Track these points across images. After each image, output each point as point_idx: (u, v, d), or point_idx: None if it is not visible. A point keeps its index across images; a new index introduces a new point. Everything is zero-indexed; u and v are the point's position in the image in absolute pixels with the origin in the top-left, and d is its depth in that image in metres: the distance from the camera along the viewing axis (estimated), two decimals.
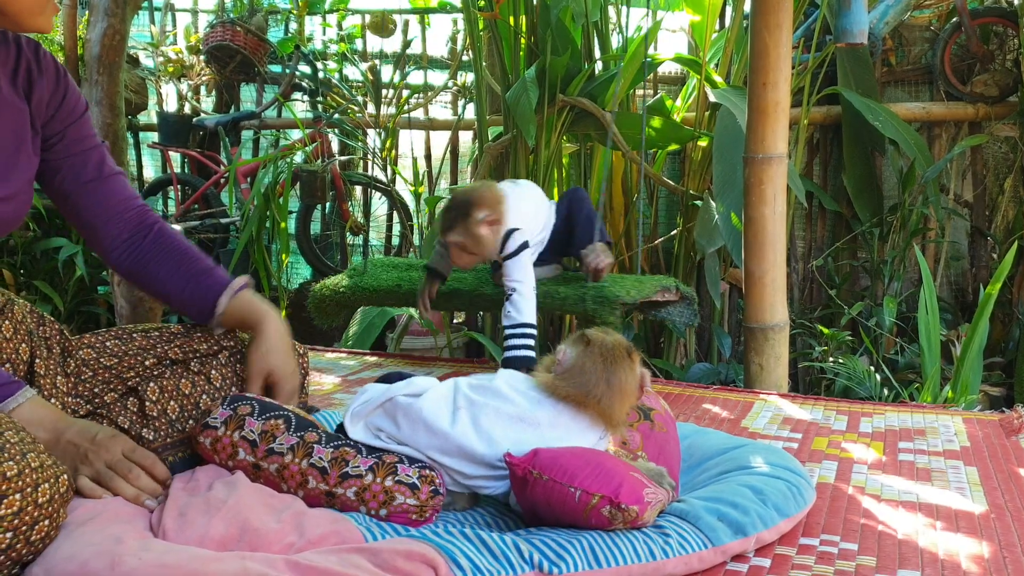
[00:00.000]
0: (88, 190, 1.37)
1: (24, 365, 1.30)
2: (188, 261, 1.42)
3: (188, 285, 1.41)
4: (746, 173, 2.53)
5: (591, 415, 1.29)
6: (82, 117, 1.37)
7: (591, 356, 1.30)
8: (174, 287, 1.41)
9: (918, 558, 1.24)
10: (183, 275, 1.41)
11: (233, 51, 4.56)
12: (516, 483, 1.21)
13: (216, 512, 1.12)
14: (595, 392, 1.28)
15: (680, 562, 1.13)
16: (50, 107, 1.32)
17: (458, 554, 1.03)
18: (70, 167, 1.36)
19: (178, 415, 1.36)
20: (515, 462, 1.19)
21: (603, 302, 2.12)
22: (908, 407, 2.21)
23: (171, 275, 1.41)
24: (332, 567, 0.98)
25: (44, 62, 1.31)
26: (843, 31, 2.33)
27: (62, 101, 1.33)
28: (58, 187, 1.36)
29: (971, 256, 4.01)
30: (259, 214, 3.65)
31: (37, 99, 1.30)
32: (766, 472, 1.36)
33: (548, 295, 2.17)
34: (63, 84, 1.34)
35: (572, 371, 1.31)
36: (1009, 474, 1.65)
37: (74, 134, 1.35)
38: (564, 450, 1.22)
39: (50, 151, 1.34)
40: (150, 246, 1.41)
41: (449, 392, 1.33)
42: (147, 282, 1.42)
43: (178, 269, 1.41)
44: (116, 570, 0.95)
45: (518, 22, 3.40)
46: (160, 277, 1.41)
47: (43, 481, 1.00)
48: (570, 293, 2.17)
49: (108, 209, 1.39)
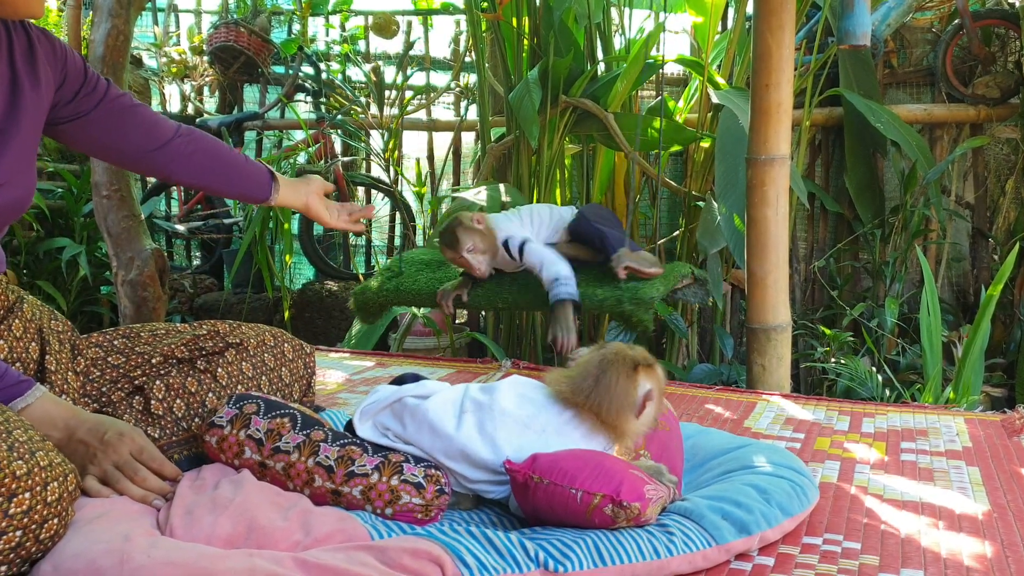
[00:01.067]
0: (130, 109, 1.44)
1: (34, 363, 1.31)
2: (229, 152, 1.59)
3: (246, 166, 1.58)
4: (748, 174, 2.54)
5: (591, 419, 1.29)
6: (89, 72, 1.39)
7: (593, 358, 1.32)
8: (236, 168, 1.57)
9: (921, 557, 1.25)
10: (233, 164, 1.57)
11: (237, 52, 4.57)
12: (517, 489, 1.22)
13: (223, 510, 1.13)
14: (582, 389, 1.28)
15: (684, 560, 1.14)
16: (56, 80, 1.33)
17: (464, 552, 1.03)
18: (102, 112, 1.40)
19: (184, 413, 1.37)
20: (515, 468, 1.20)
21: (639, 303, 2.26)
22: (910, 407, 2.21)
23: (225, 160, 1.56)
24: (339, 564, 0.99)
25: (32, 32, 1.32)
26: (846, 33, 2.34)
27: (65, 63, 1.34)
28: (102, 138, 1.42)
29: (972, 257, 4.02)
30: (262, 215, 3.66)
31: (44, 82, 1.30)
32: (770, 471, 1.37)
33: (586, 296, 2.30)
34: (59, 51, 1.35)
35: (571, 371, 1.32)
36: (1011, 474, 1.65)
37: (91, 86, 1.38)
38: (563, 453, 1.22)
39: (78, 104, 1.37)
40: (199, 137, 1.53)
41: (457, 396, 1.34)
42: (208, 165, 1.53)
43: (229, 154, 1.57)
44: (125, 567, 0.96)
45: (521, 23, 3.40)
46: (218, 162, 1.55)
47: (52, 480, 1.01)
48: (608, 295, 2.30)
49: (153, 117, 1.47)
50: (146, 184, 4.92)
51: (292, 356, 1.50)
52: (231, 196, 1.69)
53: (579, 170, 3.82)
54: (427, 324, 3.60)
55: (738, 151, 2.90)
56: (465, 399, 1.33)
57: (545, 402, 1.32)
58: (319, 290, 4.34)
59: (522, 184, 3.49)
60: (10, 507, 0.96)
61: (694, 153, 3.77)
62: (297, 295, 4.34)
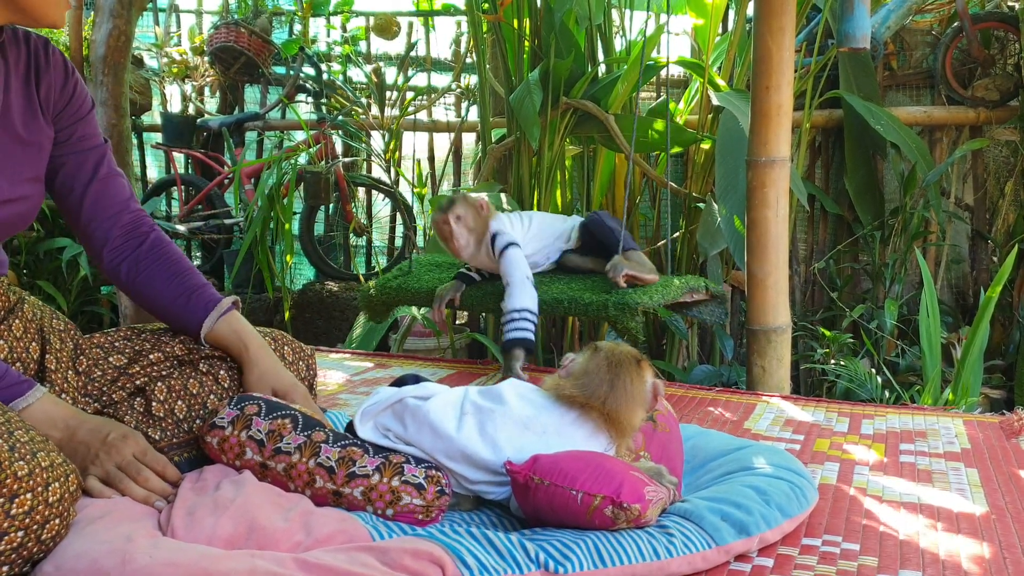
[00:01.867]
0: (87, 189, 1.37)
1: (35, 364, 1.31)
2: (180, 276, 1.41)
3: (178, 301, 1.40)
4: (749, 176, 2.54)
5: (596, 420, 1.30)
6: (88, 115, 1.37)
7: (596, 360, 1.32)
8: (164, 301, 1.41)
9: (919, 558, 1.26)
10: (174, 290, 1.40)
11: (237, 52, 4.58)
12: (518, 490, 1.22)
13: (224, 511, 1.13)
14: (598, 394, 1.29)
15: (684, 561, 1.14)
16: (59, 103, 1.33)
17: (465, 553, 1.04)
18: (72, 165, 1.36)
19: (185, 415, 1.37)
20: (516, 469, 1.21)
21: (624, 308, 2.21)
22: (909, 409, 2.22)
23: (163, 288, 1.40)
24: (341, 565, 0.99)
25: (53, 58, 1.32)
26: (846, 35, 2.35)
27: (71, 98, 1.34)
28: (59, 184, 1.37)
29: (972, 259, 4.02)
30: (263, 215, 3.66)
31: (44, 94, 1.30)
32: (769, 473, 1.37)
33: (574, 301, 2.27)
34: (71, 80, 1.34)
35: (577, 374, 1.32)
36: (1009, 476, 1.66)
37: (80, 131, 1.36)
38: (563, 454, 1.23)
39: (55, 147, 1.34)
40: (145, 255, 1.41)
41: (458, 398, 1.35)
42: (137, 290, 1.41)
43: (169, 283, 1.40)
44: (127, 568, 0.96)
45: (522, 25, 3.41)
46: (151, 289, 1.41)
47: (53, 480, 1.01)
48: (594, 299, 2.27)
49: (104, 209, 1.39)
50: (147, 184, 4.93)
51: (292, 359, 1.50)
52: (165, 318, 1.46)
53: (580, 171, 3.82)
54: (427, 325, 3.61)
55: (738, 153, 2.91)
56: (465, 401, 1.34)
57: (546, 403, 1.33)
58: (319, 290, 4.34)
59: (522, 185, 3.49)
60: (12, 508, 0.96)
61: (695, 155, 3.78)
62: (297, 295, 4.34)
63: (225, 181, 4.53)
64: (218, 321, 1.40)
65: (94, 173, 1.37)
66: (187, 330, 1.42)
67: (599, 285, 2.33)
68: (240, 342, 1.41)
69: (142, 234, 1.42)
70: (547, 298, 2.30)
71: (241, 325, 1.42)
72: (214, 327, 1.40)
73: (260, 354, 1.41)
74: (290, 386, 1.41)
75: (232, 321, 1.41)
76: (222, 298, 1.42)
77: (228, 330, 1.40)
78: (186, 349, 1.41)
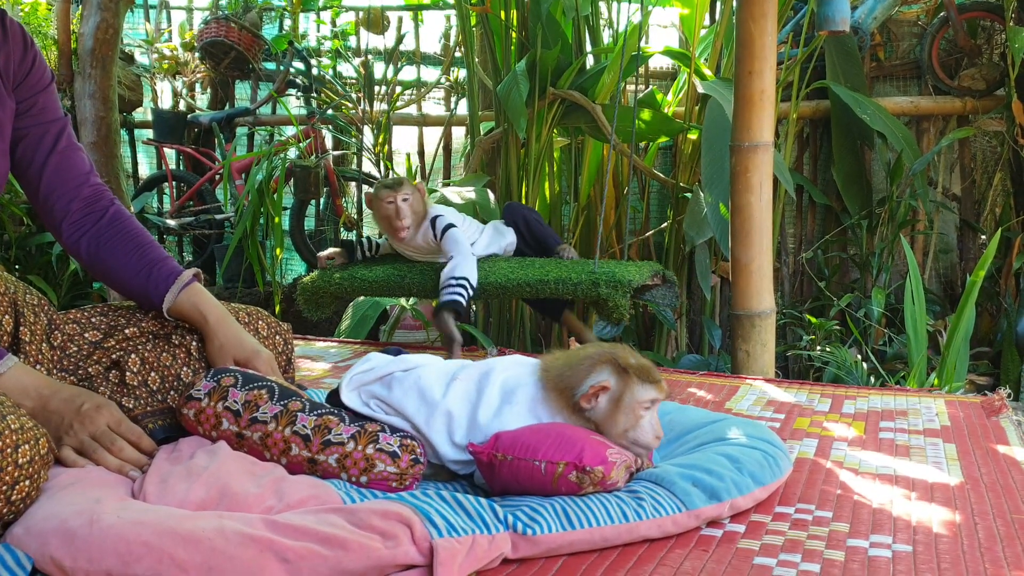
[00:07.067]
0: (47, 160, 1.37)
1: (8, 336, 1.31)
2: (141, 249, 1.41)
3: (139, 275, 1.40)
4: (732, 161, 2.55)
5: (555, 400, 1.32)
6: (48, 86, 1.38)
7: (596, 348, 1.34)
8: (125, 275, 1.40)
9: (891, 525, 1.26)
10: (135, 264, 1.40)
11: (227, 48, 4.58)
12: (483, 469, 1.24)
13: (197, 478, 1.14)
14: (556, 365, 1.32)
15: (653, 525, 1.15)
16: (18, 75, 1.33)
17: (433, 513, 1.04)
18: (33, 137, 1.36)
19: (159, 386, 1.37)
20: (479, 449, 1.23)
21: (616, 286, 2.24)
22: (892, 391, 2.22)
23: (123, 263, 1.40)
24: (309, 525, 1.00)
25: (11, 29, 1.32)
26: (825, 19, 2.36)
27: (30, 69, 1.35)
28: (19, 156, 1.36)
29: (960, 249, 4.03)
30: (253, 210, 3.67)
31: (3, 65, 1.31)
32: (743, 443, 1.38)
33: (562, 281, 2.28)
34: (31, 52, 1.35)
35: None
36: (987, 450, 1.66)
37: (41, 103, 1.36)
38: (524, 429, 1.26)
39: (17, 119, 1.34)
40: (105, 228, 1.40)
41: (450, 368, 1.38)
42: (97, 265, 1.41)
43: (130, 257, 1.40)
44: (94, 527, 0.96)
45: (509, 16, 3.42)
46: (112, 263, 1.40)
47: (23, 442, 1.02)
48: (583, 279, 2.27)
49: (65, 181, 1.38)
50: (138, 180, 4.93)
51: (267, 333, 1.51)
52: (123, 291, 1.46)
53: (568, 162, 3.83)
54: (416, 316, 3.61)
55: (724, 141, 2.92)
56: (459, 370, 1.37)
57: (529, 380, 1.34)
58: None
59: (511, 177, 3.50)
60: None
61: (682, 145, 3.79)
62: (288, 289, 4.34)
63: (216, 177, 4.53)
64: (179, 294, 1.40)
65: (54, 145, 1.37)
66: (149, 304, 1.41)
67: (581, 266, 2.35)
68: (200, 314, 1.40)
69: (102, 208, 1.42)
70: (531, 279, 2.30)
71: (201, 298, 1.41)
72: (176, 301, 1.40)
73: (220, 325, 1.40)
74: (252, 353, 1.40)
75: (192, 294, 1.40)
76: (183, 271, 1.42)
77: (188, 303, 1.40)
78: (159, 323, 1.42)
